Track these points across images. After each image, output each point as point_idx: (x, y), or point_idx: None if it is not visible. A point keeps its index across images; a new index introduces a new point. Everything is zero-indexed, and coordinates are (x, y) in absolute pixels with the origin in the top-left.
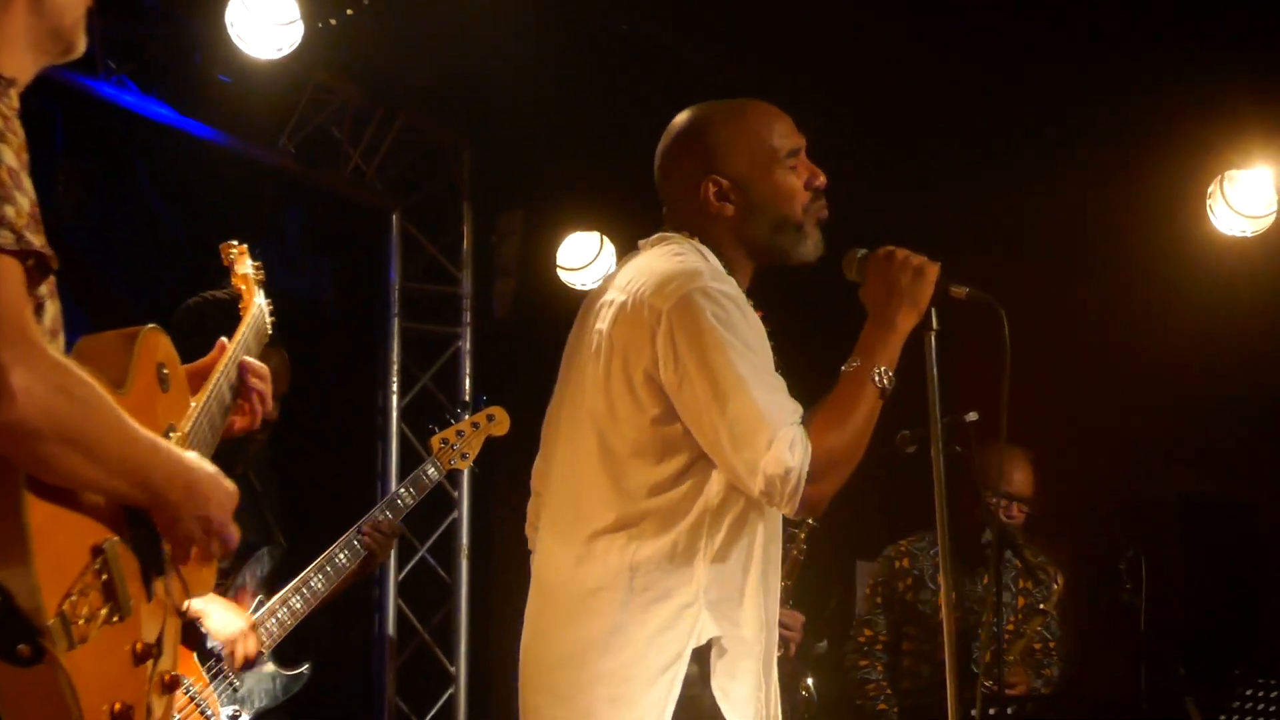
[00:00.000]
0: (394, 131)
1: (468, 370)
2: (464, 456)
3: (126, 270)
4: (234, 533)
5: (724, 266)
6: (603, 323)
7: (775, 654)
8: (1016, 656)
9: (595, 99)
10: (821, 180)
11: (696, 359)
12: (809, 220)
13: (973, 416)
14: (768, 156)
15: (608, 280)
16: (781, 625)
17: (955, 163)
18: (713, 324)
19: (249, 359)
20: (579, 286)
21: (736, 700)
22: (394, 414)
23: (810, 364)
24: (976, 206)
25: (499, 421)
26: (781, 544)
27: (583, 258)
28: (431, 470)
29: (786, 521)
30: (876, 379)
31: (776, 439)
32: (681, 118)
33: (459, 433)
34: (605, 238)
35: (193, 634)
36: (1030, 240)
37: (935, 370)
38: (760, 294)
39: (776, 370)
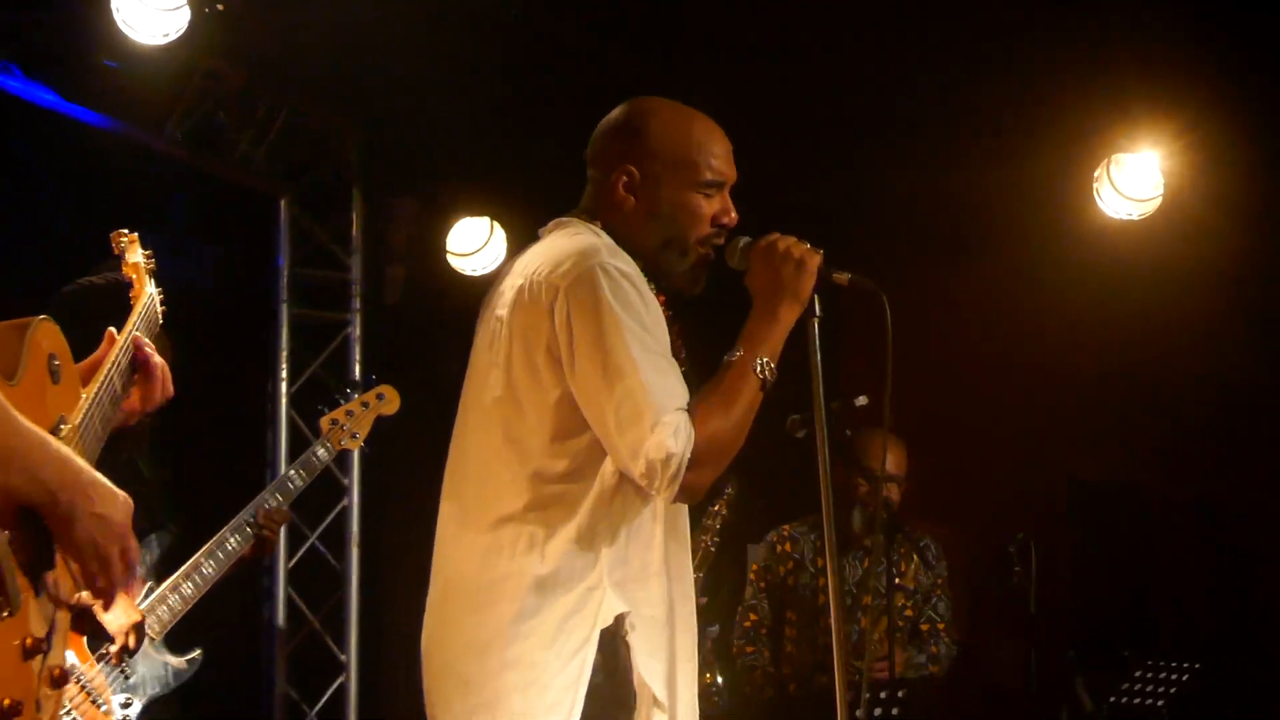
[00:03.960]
0: (282, 117)
1: (357, 357)
2: (354, 436)
3: (11, 257)
4: (135, 544)
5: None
6: (502, 309)
7: (693, 637)
8: (881, 634)
9: (486, 85)
10: (731, 220)
11: (590, 337)
12: (696, 253)
13: (862, 401)
14: (688, 171)
15: (506, 269)
16: None
17: (838, 146)
18: (609, 301)
19: (138, 336)
20: (469, 272)
21: (654, 676)
22: (283, 401)
23: (712, 349)
24: (861, 190)
25: (389, 400)
26: (688, 526)
27: (473, 243)
28: (321, 451)
29: (697, 509)
30: (758, 369)
31: (661, 423)
32: (631, 102)
33: (349, 413)
34: (495, 223)
35: (85, 619)
36: (915, 224)
37: (819, 356)
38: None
39: (676, 355)
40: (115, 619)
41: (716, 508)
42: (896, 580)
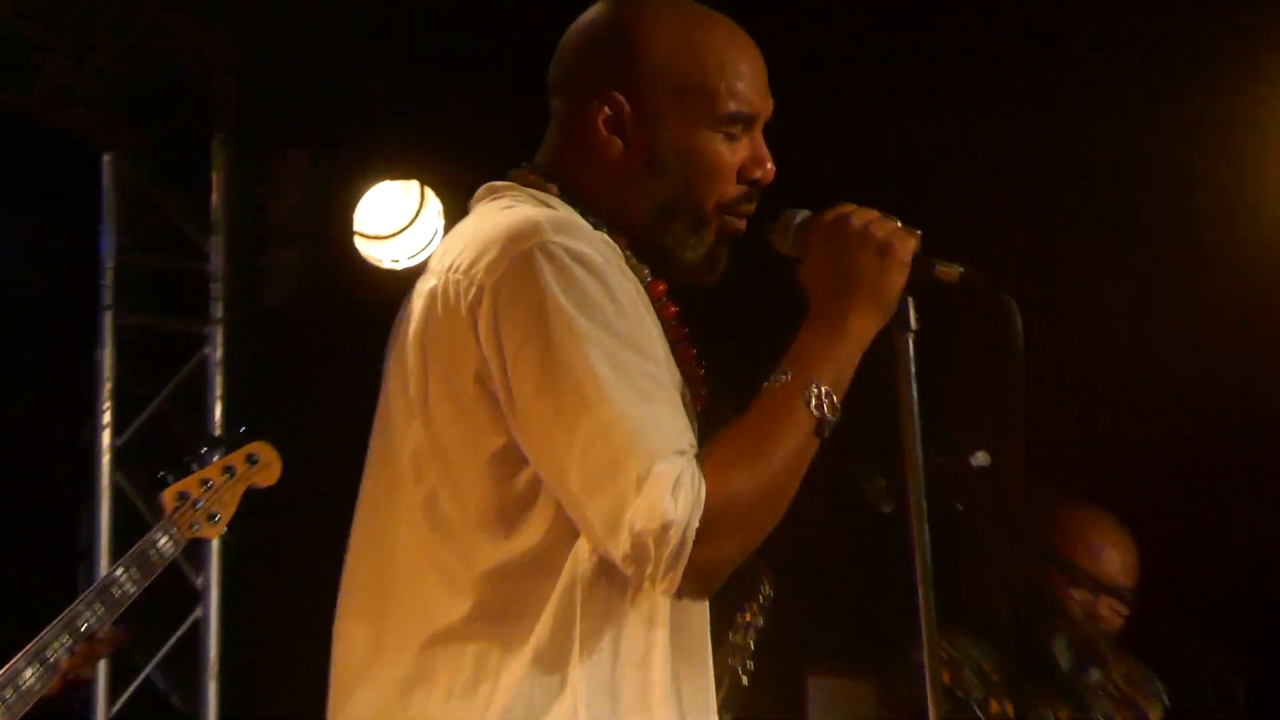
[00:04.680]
0: (113, 32)
1: (219, 391)
2: (213, 519)
3: None
4: None
5: (590, 223)
6: (414, 322)
7: None
8: None
9: None
10: (766, 173)
11: (532, 355)
12: (715, 224)
13: (982, 459)
14: (703, 100)
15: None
16: None
17: (950, 73)
18: (556, 299)
19: None
20: (388, 264)
21: None
22: (104, 458)
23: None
24: (985, 137)
25: (265, 465)
26: (707, 635)
27: (394, 220)
28: (164, 540)
29: (719, 618)
30: (812, 402)
31: (653, 475)
32: (617, 1)
33: (205, 482)
34: (428, 190)
35: None
36: (1067, 188)
37: (914, 388)
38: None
39: (693, 378)
40: None
41: (747, 615)
42: None
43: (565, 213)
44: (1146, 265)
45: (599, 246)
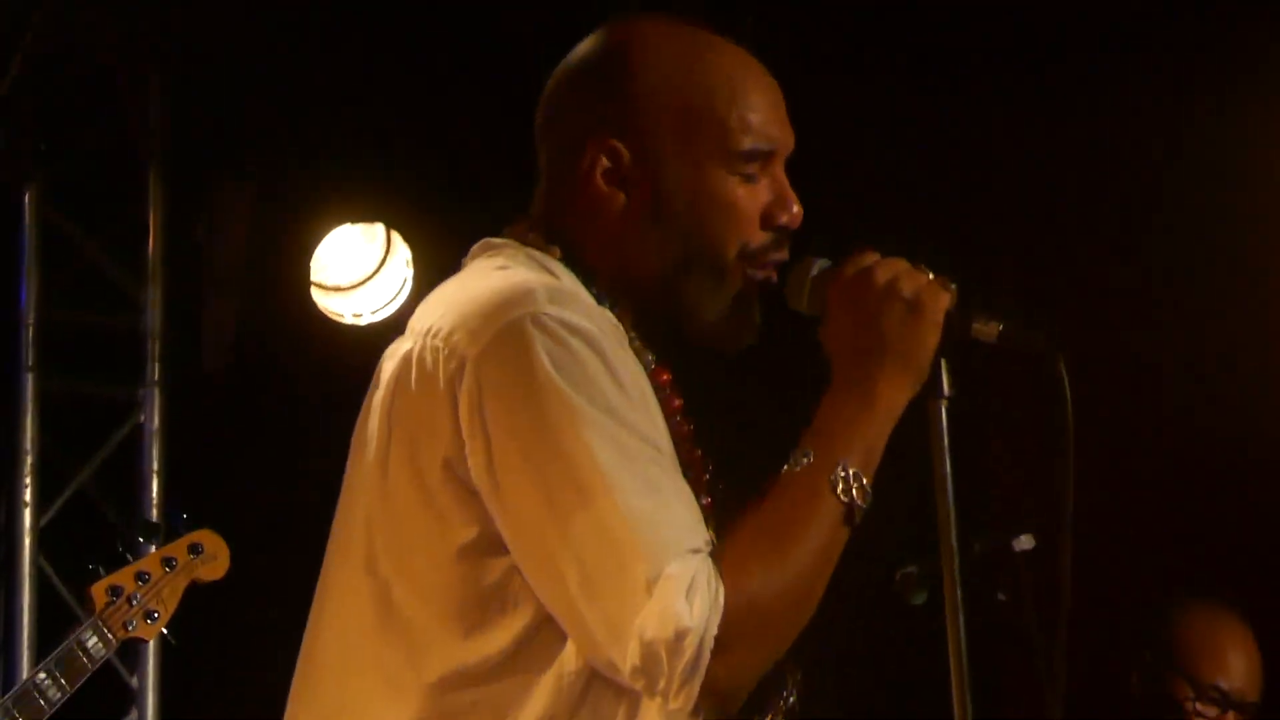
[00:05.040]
0: (30, 54)
1: (155, 464)
2: (151, 617)
3: None
4: None
5: (594, 295)
6: (382, 389)
7: None
8: None
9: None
10: (792, 217)
11: (521, 437)
12: (739, 276)
13: (1026, 543)
14: (713, 135)
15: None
16: None
17: (990, 88)
18: (549, 374)
19: None
20: (349, 319)
21: None
22: (26, 540)
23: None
24: (1019, 158)
25: (210, 556)
26: None
27: (356, 268)
28: (94, 641)
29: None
30: (839, 487)
31: (664, 577)
32: (608, 29)
33: (141, 576)
34: (395, 234)
35: None
36: (1127, 218)
37: (948, 465)
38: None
39: (693, 466)
40: None
41: None
42: None
43: (568, 282)
44: (1247, 304)
45: (600, 322)
